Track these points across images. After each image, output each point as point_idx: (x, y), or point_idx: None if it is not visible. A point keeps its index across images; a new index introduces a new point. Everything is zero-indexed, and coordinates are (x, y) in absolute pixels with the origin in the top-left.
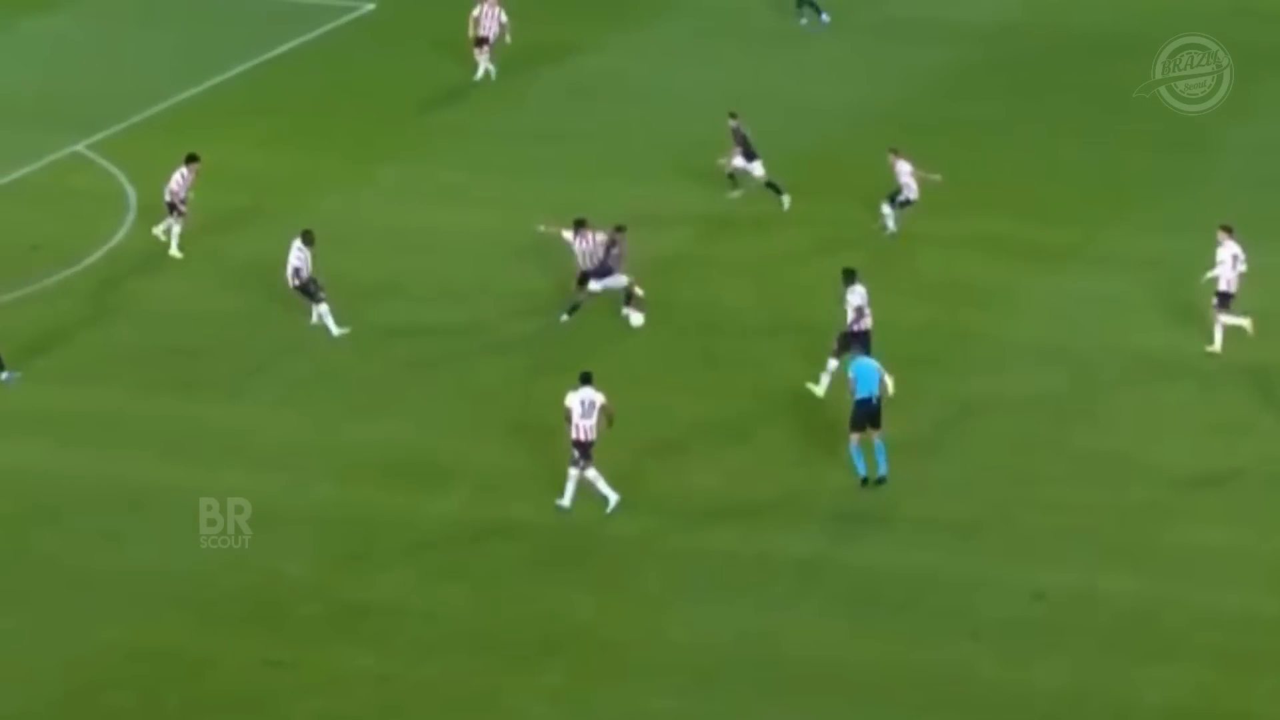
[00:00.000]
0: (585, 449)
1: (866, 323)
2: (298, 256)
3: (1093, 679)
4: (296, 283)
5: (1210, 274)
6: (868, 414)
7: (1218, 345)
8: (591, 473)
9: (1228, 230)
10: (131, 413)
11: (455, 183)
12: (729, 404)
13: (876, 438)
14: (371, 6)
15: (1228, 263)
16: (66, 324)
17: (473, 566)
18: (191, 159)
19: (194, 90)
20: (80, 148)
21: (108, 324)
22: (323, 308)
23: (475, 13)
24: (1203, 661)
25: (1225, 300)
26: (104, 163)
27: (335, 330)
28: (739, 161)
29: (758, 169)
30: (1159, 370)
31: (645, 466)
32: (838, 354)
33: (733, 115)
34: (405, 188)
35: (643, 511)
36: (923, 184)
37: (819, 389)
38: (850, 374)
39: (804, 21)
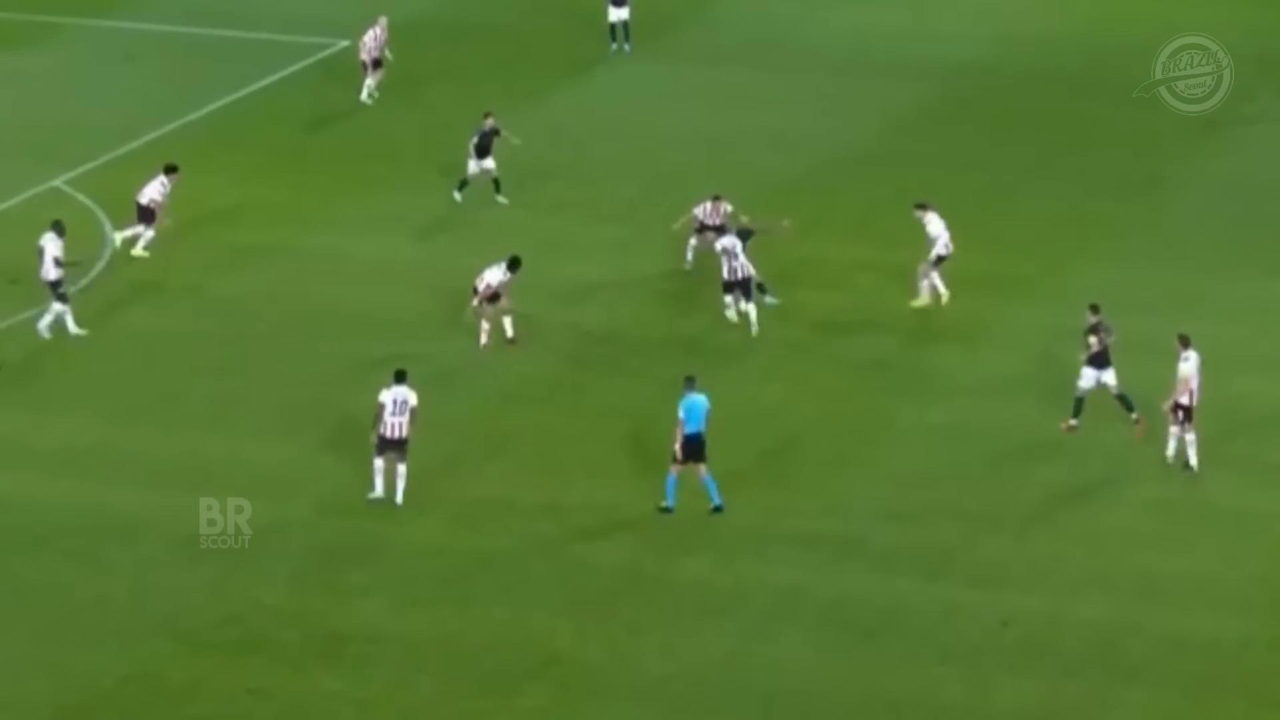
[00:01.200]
0: (397, 445)
1: (740, 271)
2: (56, 246)
3: (1060, 704)
4: (55, 275)
5: (935, 237)
6: (694, 449)
7: (925, 299)
8: (402, 468)
9: (924, 206)
10: (113, 442)
11: (432, 215)
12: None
13: (703, 472)
14: (345, 44)
15: (944, 233)
16: (46, 356)
17: (450, 592)
18: (171, 169)
19: (170, 126)
20: (58, 183)
21: (87, 356)
22: (60, 307)
23: (366, 36)
24: (1169, 686)
25: (940, 262)
26: (81, 198)
27: (73, 329)
28: (475, 160)
29: (473, 166)
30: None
31: (620, 493)
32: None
33: (487, 115)
34: (380, 221)
35: (618, 538)
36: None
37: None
38: (680, 413)
39: (620, 48)
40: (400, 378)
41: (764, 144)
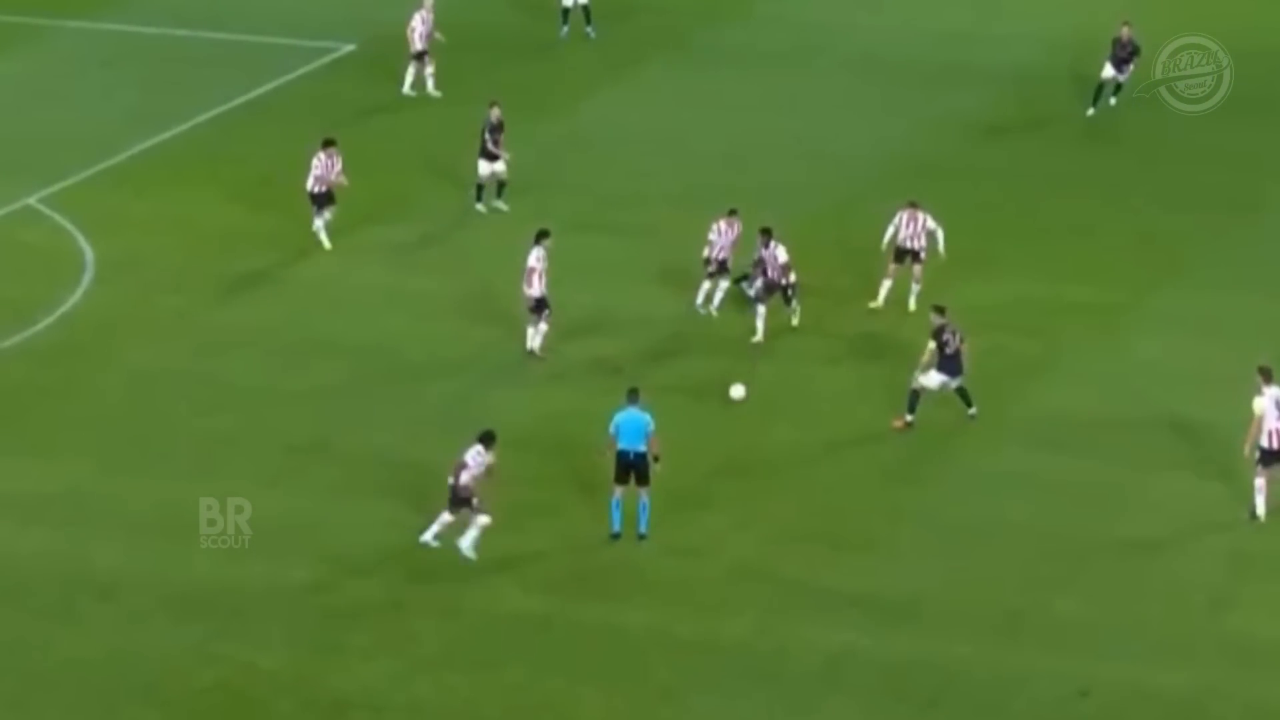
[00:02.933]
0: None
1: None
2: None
3: None
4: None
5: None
6: (627, 466)
7: (881, 300)
8: (446, 516)
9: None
10: (93, 489)
11: (443, 237)
12: (736, 476)
13: (642, 494)
14: (351, 47)
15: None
16: (20, 393)
17: (461, 656)
18: (329, 142)
19: (158, 138)
20: (33, 201)
21: (65, 393)
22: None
23: (414, 21)
24: None
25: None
26: (58, 217)
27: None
28: (488, 162)
29: (486, 168)
30: (1208, 444)
31: (650, 549)
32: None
33: (494, 104)
34: (387, 244)
35: (650, 598)
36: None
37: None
38: (610, 429)
39: (584, 32)
40: (485, 438)
41: (806, 157)
